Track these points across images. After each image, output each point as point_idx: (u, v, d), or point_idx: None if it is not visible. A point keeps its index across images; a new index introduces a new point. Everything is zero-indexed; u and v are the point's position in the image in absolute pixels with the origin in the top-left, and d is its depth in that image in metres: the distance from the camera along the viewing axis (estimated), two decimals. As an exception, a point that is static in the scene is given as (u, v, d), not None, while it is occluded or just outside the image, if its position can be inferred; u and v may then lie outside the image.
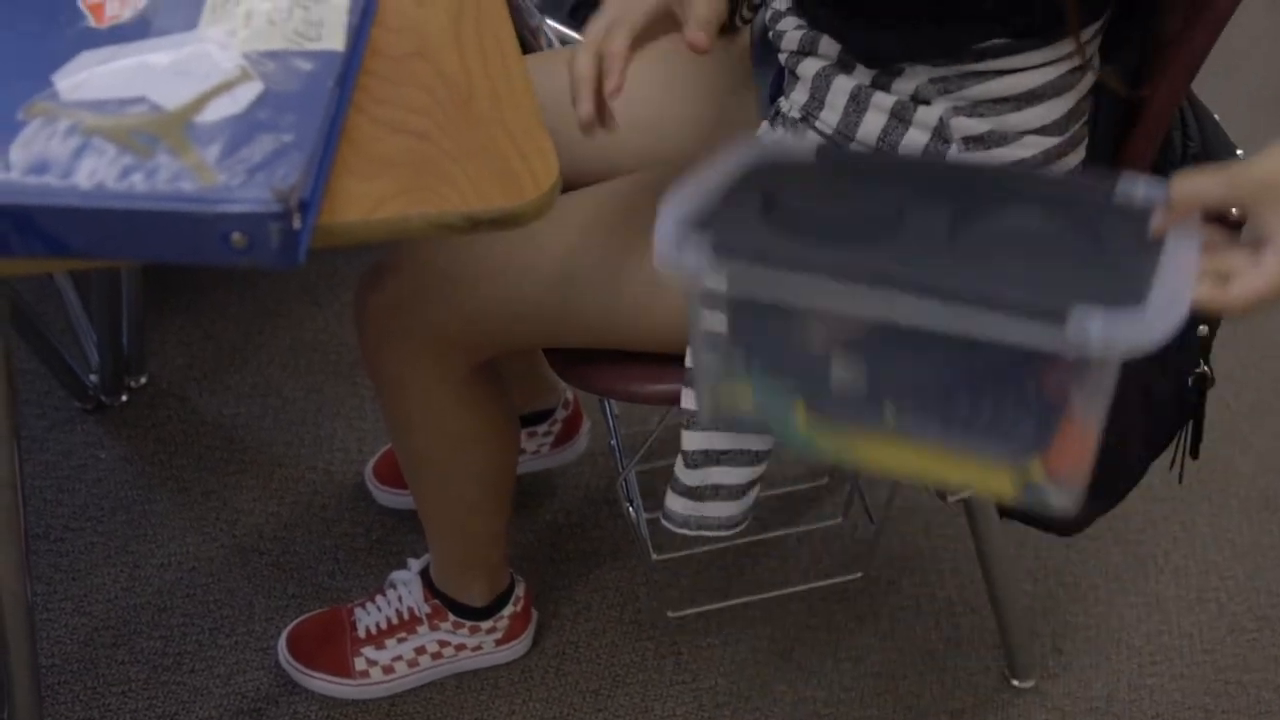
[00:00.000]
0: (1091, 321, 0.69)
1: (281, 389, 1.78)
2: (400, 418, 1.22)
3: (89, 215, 0.66)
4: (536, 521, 1.64)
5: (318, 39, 0.78)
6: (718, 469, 1.09)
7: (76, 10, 0.80)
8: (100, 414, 1.74)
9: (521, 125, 0.77)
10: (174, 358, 1.81)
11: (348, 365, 1.80)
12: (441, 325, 1.11)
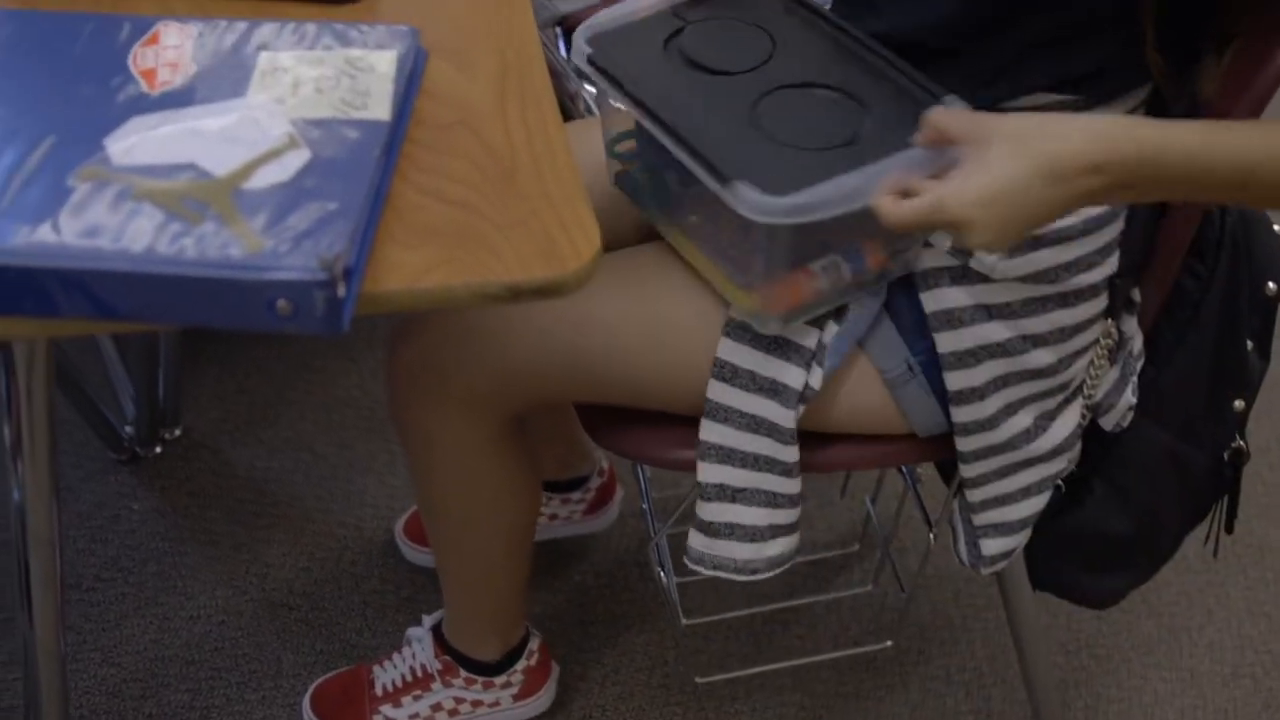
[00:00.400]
0: (738, 191, 0.91)
1: (314, 444, 1.78)
2: (425, 471, 1.22)
3: (138, 280, 0.67)
4: (566, 583, 1.63)
5: (364, 108, 0.79)
6: (734, 506, 1.10)
7: (129, 75, 0.82)
8: (134, 465, 1.76)
9: (564, 196, 0.77)
10: (208, 410, 1.83)
11: (380, 422, 1.81)
12: (470, 381, 1.12)
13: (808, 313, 1.04)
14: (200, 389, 1.85)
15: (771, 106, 0.99)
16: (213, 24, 0.87)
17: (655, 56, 1.04)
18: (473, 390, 1.12)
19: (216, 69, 0.83)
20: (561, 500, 1.61)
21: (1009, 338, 1.04)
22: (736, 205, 0.91)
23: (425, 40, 0.89)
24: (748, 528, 1.10)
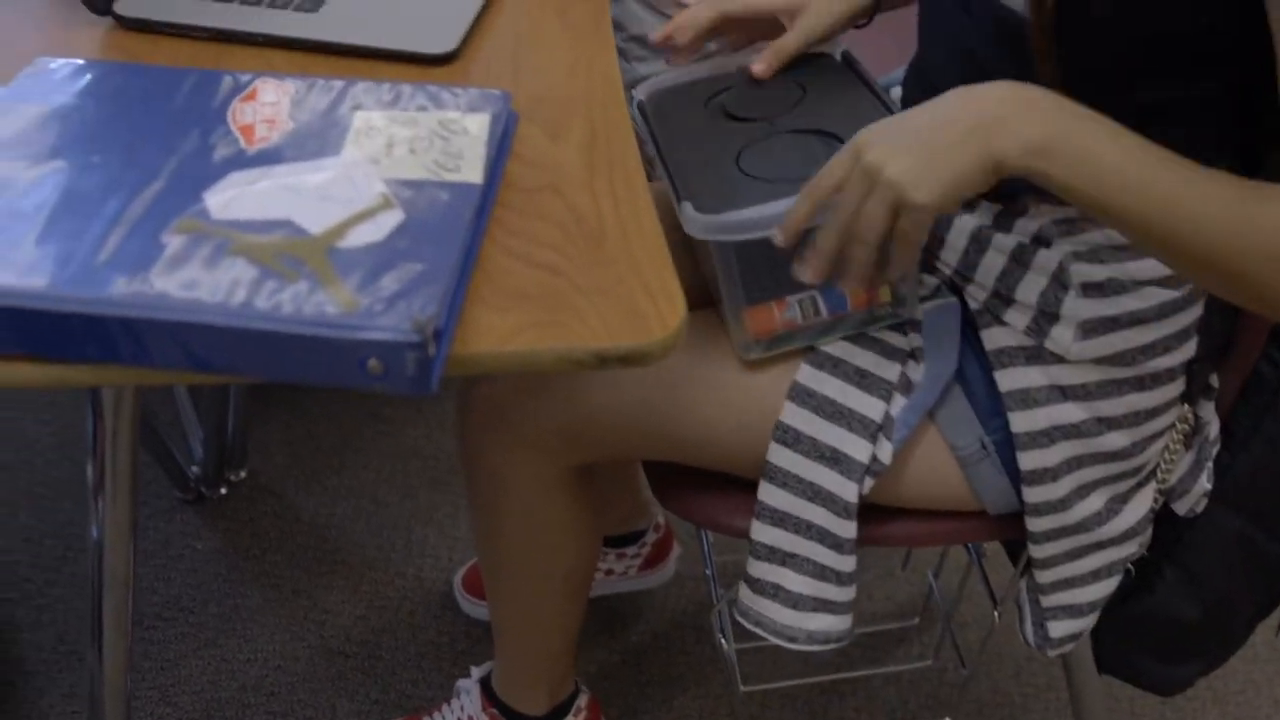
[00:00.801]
0: (684, 209, 0.97)
1: (377, 493, 1.80)
2: (491, 512, 1.23)
3: (234, 334, 0.68)
4: (621, 642, 1.63)
5: (456, 170, 0.80)
6: (782, 569, 1.09)
7: (228, 130, 0.84)
8: (199, 505, 1.78)
9: (650, 263, 0.78)
10: (275, 455, 1.84)
11: (444, 473, 1.82)
12: (544, 425, 1.12)
13: (789, 343, 1.07)
14: (268, 433, 1.87)
15: (763, 146, 1.05)
16: (310, 82, 0.89)
17: (693, 103, 1.12)
18: (543, 436, 1.12)
19: (313, 127, 0.84)
20: (617, 555, 1.61)
21: (1084, 420, 1.04)
22: (684, 223, 0.97)
23: (516, 104, 0.90)
24: (792, 593, 1.09)
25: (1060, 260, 0.99)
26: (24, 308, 0.69)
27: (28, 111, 0.85)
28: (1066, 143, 0.82)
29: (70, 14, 1.01)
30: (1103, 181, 0.82)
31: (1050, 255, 0.99)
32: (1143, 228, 0.84)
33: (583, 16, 1.06)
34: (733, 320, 1.05)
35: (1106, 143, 0.83)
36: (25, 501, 1.78)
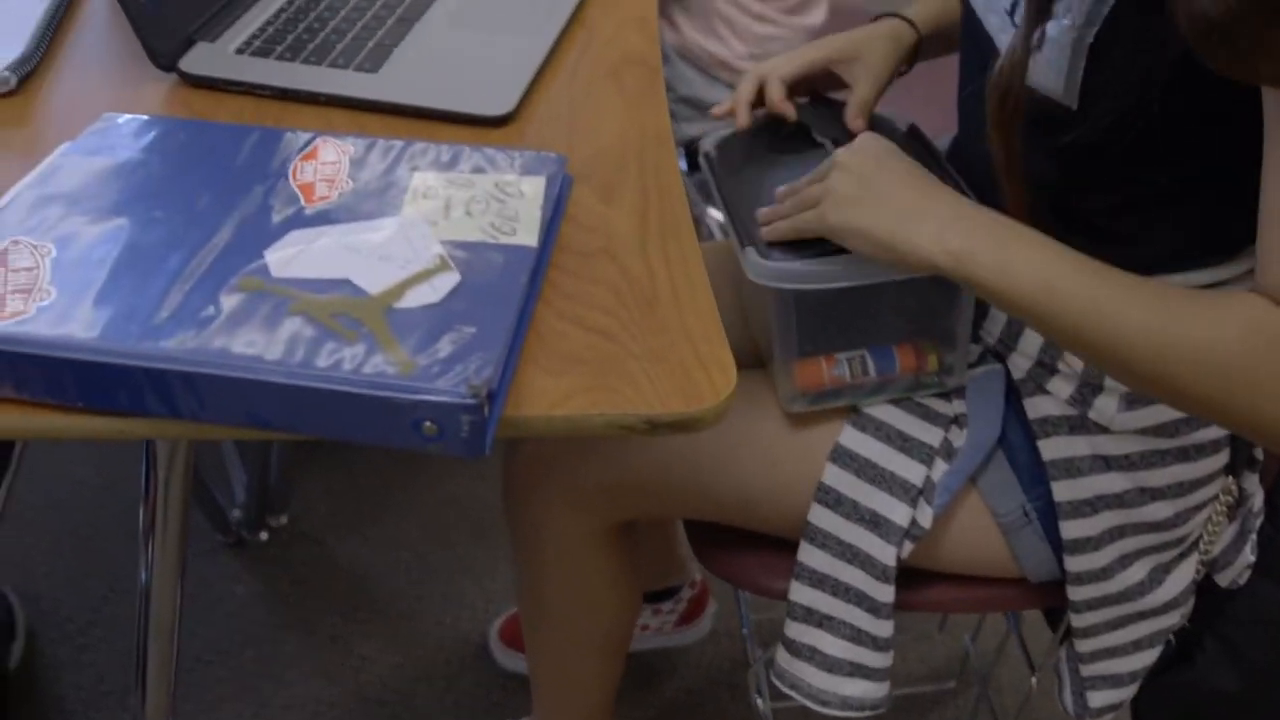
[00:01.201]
0: (747, 255, 0.99)
1: (417, 543, 1.81)
2: (533, 566, 1.23)
3: (292, 392, 0.69)
4: (656, 697, 1.63)
5: (512, 233, 0.81)
6: (818, 631, 1.09)
7: (289, 189, 0.85)
8: (240, 549, 1.79)
9: (702, 331, 0.79)
10: (316, 501, 1.86)
11: (484, 525, 1.83)
12: (587, 481, 1.13)
13: (833, 400, 1.08)
14: (309, 480, 1.89)
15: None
16: (369, 142, 0.91)
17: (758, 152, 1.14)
18: (586, 490, 1.13)
19: (371, 187, 0.86)
20: (653, 610, 1.61)
21: (1127, 490, 1.04)
22: (746, 269, 1.00)
23: (570, 166, 0.91)
24: (827, 657, 1.09)
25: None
26: (85, 360, 0.71)
27: (94, 166, 0.87)
28: (987, 256, 0.87)
29: (137, 70, 1.04)
30: (1021, 294, 0.86)
31: None
32: (1066, 337, 0.87)
33: (636, 80, 1.07)
34: (781, 371, 1.06)
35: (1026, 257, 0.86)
36: (69, 541, 1.80)
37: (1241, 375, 0.81)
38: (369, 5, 1.14)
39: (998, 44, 0.98)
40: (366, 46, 1.08)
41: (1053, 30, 0.89)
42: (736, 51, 1.72)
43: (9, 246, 0.78)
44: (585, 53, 1.12)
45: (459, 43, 1.11)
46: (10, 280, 0.75)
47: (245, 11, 1.12)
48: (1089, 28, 0.87)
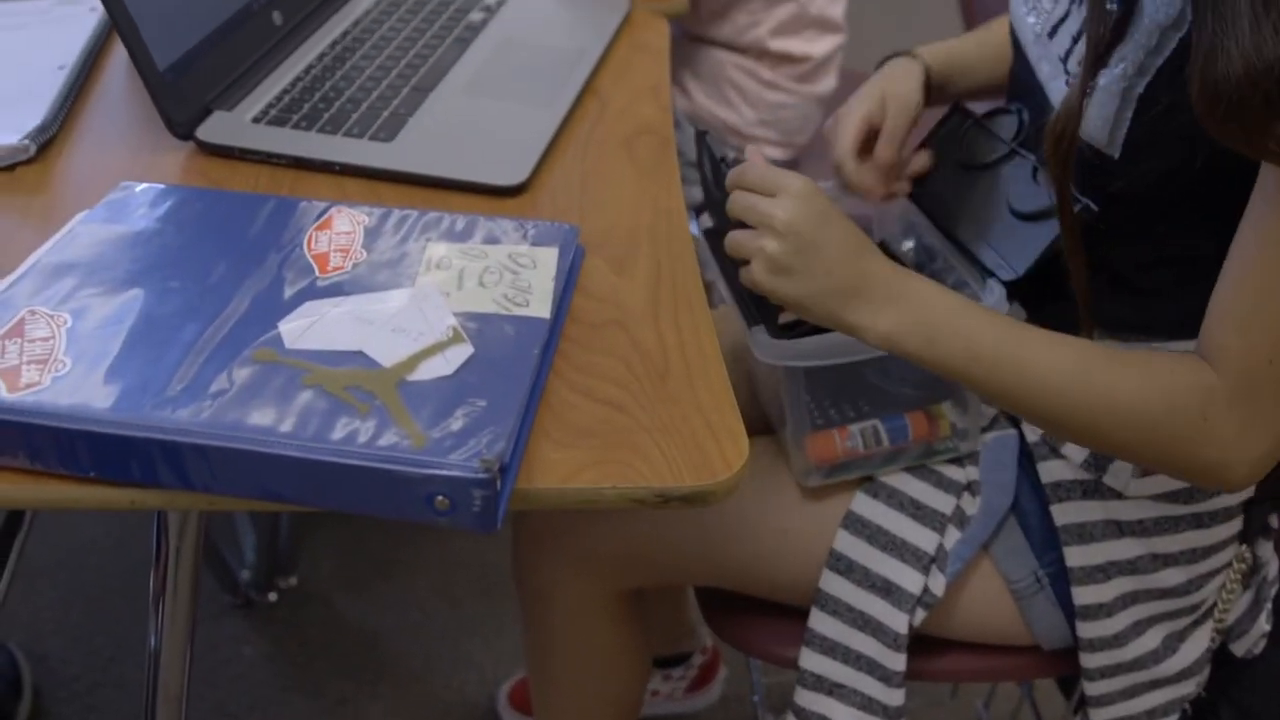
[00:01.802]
0: (754, 335, 1.00)
1: (425, 604, 1.80)
2: (542, 632, 1.23)
3: (306, 466, 0.69)
4: (666, 764, 1.61)
5: (525, 305, 0.82)
6: (828, 700, 1.08)
7: (303, 259, 0.86)
8: (248, 610, 1.78)
9: (713, 403, 0.79)
10: (324, 562, 1.85)
11: (492, 585, 1.82)
12: (596, 548, 1.13)
13: (848, 472, 1.08)
14: (318, 540, 1.88)
15: None
16: (383, 212, 0.91)
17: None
18: (596, 557, 1.13)
19: (385, 257, 0.87)
20: (664, 676, 1.60)
21: (1140, 555, 1.03)
22: (754, 348, 1.00)
23: (582, 237, 0.92)
24: None
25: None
26: (99, 432, 0.71)
27: (111, 235, 0.88)
28: (915, 336, 0.89)
29: (154, 138, 1.05)
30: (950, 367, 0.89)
31: None
32: (1001, 402, 0.91)
33: (649, 150, 1.08)
34: (794, 446, 1.06)
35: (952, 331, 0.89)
36: (78, 600, 1.79)
37: (1169, 433, 0.85)
38: (384, 74, 1.16)
39: (1049, 91, 0.99)
40: (382, 115, 1.09)
41: (1103, 79, 0.90)
42: (747, 118, 1.73)
43: (26, 316, 0.78)
44: (598, 122, 1.13)
45: (473, 112, 1.12)
46: (26, 350, 0.75)
47: (262, 80, 1.13)
48: (1140, 78, 0.89)
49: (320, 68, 1.16)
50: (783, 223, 0.89)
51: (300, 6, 1.24)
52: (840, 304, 0.89)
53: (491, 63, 1.21)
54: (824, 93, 1.79)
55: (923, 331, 0.89)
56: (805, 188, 0.90)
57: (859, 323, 0.89)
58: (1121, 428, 0.86)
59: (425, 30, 1.25)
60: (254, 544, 1.78)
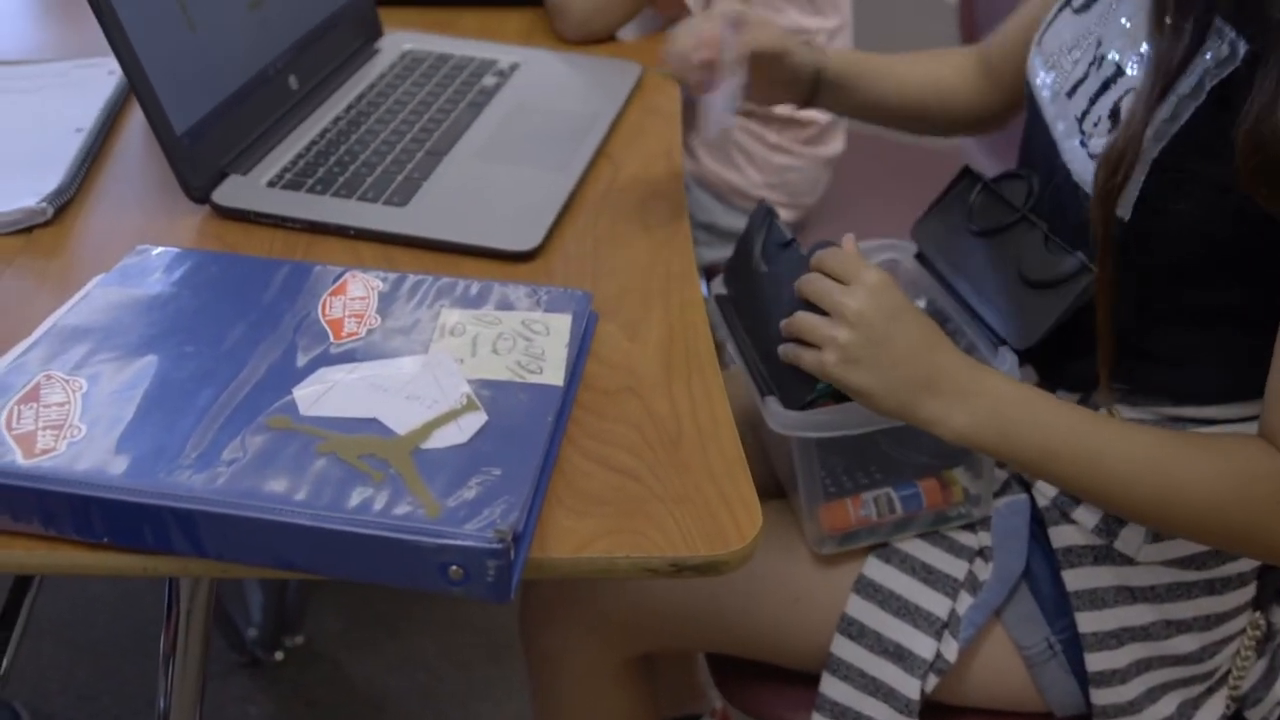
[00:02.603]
0: (768, 404, 0.98)
1: (432, 663, 1.79)
2: (550, 697, 1.22)
3: (319, 535, 0.69)
4: (674, 828, 1.60)
5: (538, 372, 0.82)
6: None
7: (317, 324, 0.86)
8: (254, 669, 1.78)
9: (726, 471, 0.79)
10: (331, 621, 1.84)
11: (500, 647, 1.81)
12: (605, 613, 1.12)
13: (862, 540, 1.07)
14: (325, 598, 1.88)
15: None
16: (397, 277, 0.92)
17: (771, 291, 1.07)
18: (606, 621, 1.12)
19: (399, 323, 0.87)
20: (674, 738, 1.59)
21: (1153, 622, 1.03)
22: (767, 418, 0.99)
23: (595, 303, 0.92)
24: None
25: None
26: (113, 499, 0.71)
27: (127, 298, 0.88)
28: (989, 431, 0.90)
29: (170, 201, 1.06)
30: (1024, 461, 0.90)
31: None
32: (1073, 491, 0.92)
33: (661, 215, 1.09)
34: (807, 515, 1.06)
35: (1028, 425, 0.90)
36: (84, 657, 1.79)
37: (1242, 521, 0.86)
38: (398, 139, 1.17)
39: (1061, 150, 1.00)
40: (396, 180, 1.09)
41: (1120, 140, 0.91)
42: (754, 181, 1.74)
43: (41, 381, 0.79)
44: (610, 187, 1.14)
45: (487, 176, 1.12)
46: (42, 416, 0.76)
47: (277, 145, 1.14)
48: (1156, 143, 0.89)
49: (335, 132, 1.17)
50: (854, 313, 0.90)
51: (316, 71, 1.25)
52: (911, 397, 0.90)
53: (505, 127, 1.22)
54: (831, 155, 1.80)
55: (997, 426, 0.90)
56: (880, 280, 0.92)
57: (931, 417, 0.90)
58: (1195, 515, 0.87)
59: (439, 95, 1.26)
60: (261, 602, 1.77)
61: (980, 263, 1.10)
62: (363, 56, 1.34)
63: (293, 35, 1.22)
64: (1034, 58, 1.07)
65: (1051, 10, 1.08)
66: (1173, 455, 0.87)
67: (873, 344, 0.90)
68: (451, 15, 1.55)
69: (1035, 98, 1.06)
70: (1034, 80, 1.06)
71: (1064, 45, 1.03)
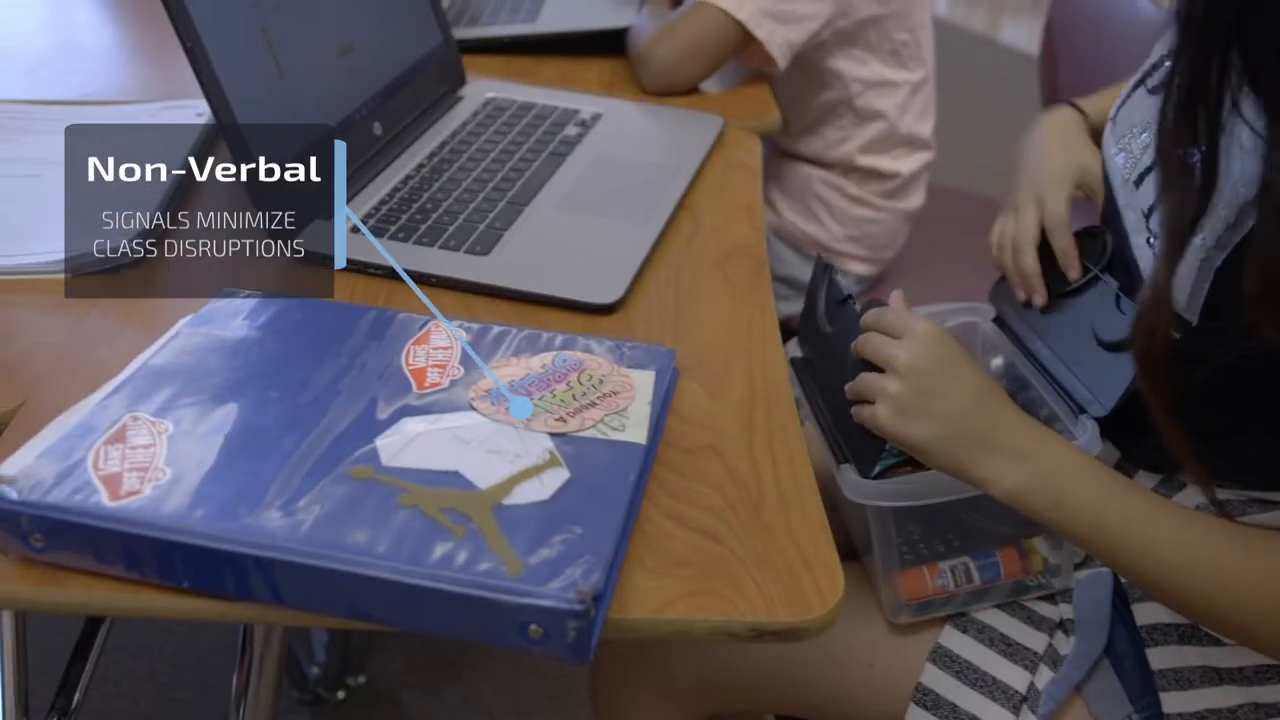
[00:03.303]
0: (843, 472, 0.97)
1: (493, 708, 1.78)
2: None
3: (399, 589, 0.69)
4: None
5: (621, 429, 0.81)
6: None
7: (401, 373, 0.86)
8: (316, 707, 1.77)
9: (808, 535, 0.78)
10: (393, 661, 1.84)
11: (561, 693, 1.80)
12: (678, 673, 1.11)
13: (938, 609, 1.05)
14: (389, 639, 1.87)
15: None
16: (480, 328, 0.92)
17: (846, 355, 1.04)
18: (676, 683, 1.11)
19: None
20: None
21: (1241, 704, 1.00)
22: (842, 486, 0.98)
23: (676, 359, 0.91)
24: None
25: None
26: (196, 544, 0.71)
27: (213, 341, 0.89)
28: (1041, 496, 0.88)
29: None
30: (1074, 533, 0.88)
31: None
32: (1119, 570, 0.91)
33: (743, 272, 1.08)
34: (884, 582, 1.04)
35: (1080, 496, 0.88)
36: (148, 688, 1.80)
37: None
38: (481, 187, 1.17)
39: (1133, 245, 0.98)
40: (478, 229, 1.10)
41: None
42: (834, 234, 1.73)
43: (129, 422, 0.79)
44: (692, 241, 1.13)
45: (568, 228, 1.13)
46: (128, 458, 0.76)
47: (361, 190, 1.15)
48: (1219, 251, 0.87)
49: (418, 179, 1.18)
50: (905, 364, 0.89)
51: (400, 117, 1.26)
52: (964, 452, 0.89)
53: (586, 178, 1.22)
54: (912, 209, 1.79)
55: (1050, 493, 0.88)
56: (930, 331, 0.90)
57: (984, 476, 0.89)
58: (1247, 616, 0.85)
59: (521, 144, 1.27)
60: (326, 641, 1.77)
61: (1057, 325, 1.08)
62: (446, 104, 1.35)
63: (379, 82, 1.24)
64: (1109, 134, 1.05)
65: (1129, 84, 1.06)
66: (1226, 549, 0.85)
67: (924, 395, 0.89)
68: (534, 63, 1.56)
69: (1109, 178, 1.04)
70: (1108, 160, 1.04)
71: (1135, 126, 1.01)
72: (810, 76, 1.69)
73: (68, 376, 0.90)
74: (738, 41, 1.50)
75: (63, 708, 1.12)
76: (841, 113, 1.72)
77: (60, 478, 0.74)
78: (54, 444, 0.77)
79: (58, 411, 0.80)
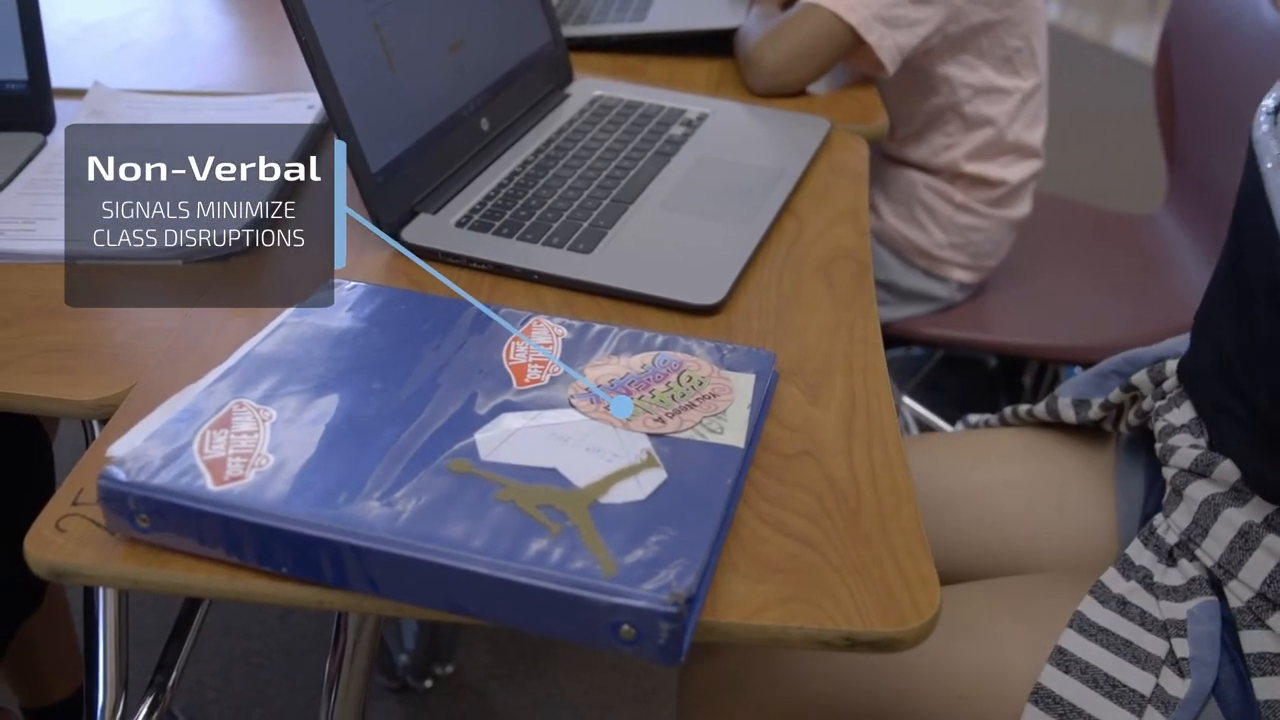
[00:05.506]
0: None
1: (576, 703, 1.79)
2: None
3: (494, 583, 0.69)
4: None
5: (720, 432, 0.81)
6: None
7: (502, 369, 0.87)
8: (403, 695, 1.79)
9: (905, 546, 0.77)
10: (481, 653, 1.86)
11: (645, 692, 1.80)
12: (762, 703, 1.09)
13: None
14: (477, 630, 1.89)
15: None
16: (582, 325, 0.92)
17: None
18: (767, 711, 1.10)
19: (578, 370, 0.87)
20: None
21: None
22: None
23: (777, 363, 0.91)
24: None
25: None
26: (297, 531, 0.72)
27: (318, 331, 0.90)
28: None
29: (361, 237, 1.08)
30: None
31: None
32: None
33: (846, 277, 1.07)
34: None
35: None
36: (240, 667, 1.83)
37: None
38: (585, 185, 1.17)
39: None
40: (581, 227, 1.10)
41: None
42: (937, 240, 1.71)
43: (234, 408, 0.81)
44: (795, 245, 1.12)
45: (671, 227, 1.12)
46: (233, 443, 0.77)
47: (466, 186, 1.16)
48: None
49: (523, 175, 1.19)
50: None
51: (507, 114, 1.27)
52: None
53: (691, 179, 1.22)
54: (1018, 217, 1.76)
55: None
56: None
57: None
58: None
59: (627, 143, 1.27)
60: (415, 630, 1.79)
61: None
62: (553, 101, 1.36)
63: (488, 79, 1.25)
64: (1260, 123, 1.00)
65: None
66: None
67: None
68: (641, 62, 1.57)
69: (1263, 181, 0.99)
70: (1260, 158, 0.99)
71: None
72: (919, 81, 1.67)
73: (177, 361, 0.92)
74: (847, 45, 1.49)
75: (160, 684, 1.14)
76: (949, 119, 1.70)
77: (167, 460, 0.75)
78: (162, 426, 0.78)
79: (167, 395, 0.81)
